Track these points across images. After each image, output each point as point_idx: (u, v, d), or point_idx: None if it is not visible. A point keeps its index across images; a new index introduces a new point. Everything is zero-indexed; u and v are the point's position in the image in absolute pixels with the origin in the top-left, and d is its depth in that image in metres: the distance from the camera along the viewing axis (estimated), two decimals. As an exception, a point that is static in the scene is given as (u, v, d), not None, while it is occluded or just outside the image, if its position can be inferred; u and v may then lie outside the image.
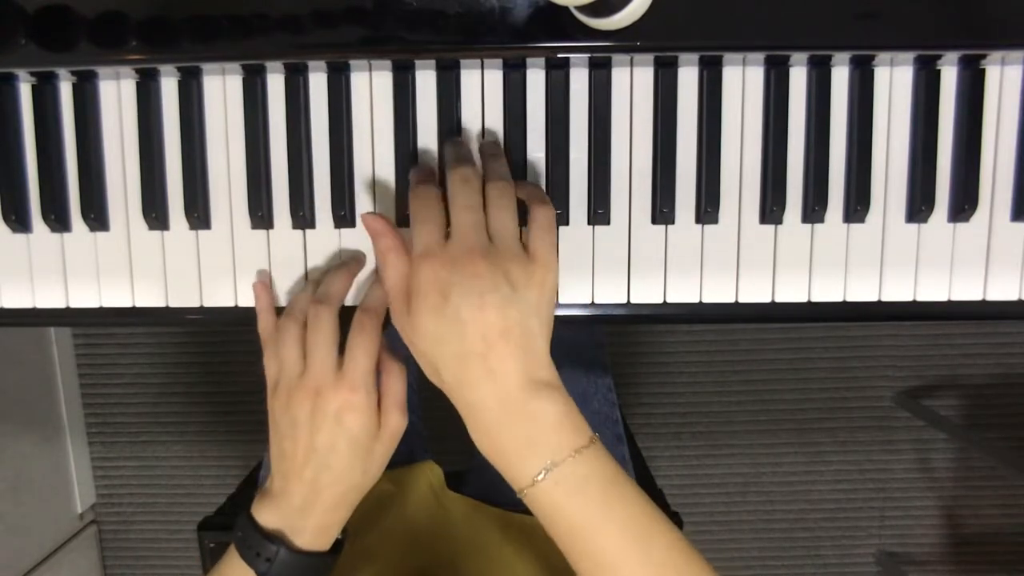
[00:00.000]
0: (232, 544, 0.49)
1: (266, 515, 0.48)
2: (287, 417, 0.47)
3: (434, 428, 0.87)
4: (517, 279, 0.42)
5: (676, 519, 0.84)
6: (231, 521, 0.51)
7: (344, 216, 0.52)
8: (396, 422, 0.49)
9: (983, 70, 0.50)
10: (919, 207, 0.51)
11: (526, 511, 0.66)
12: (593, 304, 0.52)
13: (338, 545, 0.51)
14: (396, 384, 0.49)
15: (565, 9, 0.44)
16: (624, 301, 0.52)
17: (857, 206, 0.50)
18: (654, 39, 0.46)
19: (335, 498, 0.48)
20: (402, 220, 0.52)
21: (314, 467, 0.47)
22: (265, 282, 0.52)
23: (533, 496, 0.42)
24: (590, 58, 0.50)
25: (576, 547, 0.42)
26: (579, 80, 0.51)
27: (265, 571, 0.47)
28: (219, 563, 0.50)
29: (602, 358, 0.82)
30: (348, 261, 0.52)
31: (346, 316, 0.49)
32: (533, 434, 0.41)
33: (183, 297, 0.53)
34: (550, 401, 0.42)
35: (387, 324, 0.49)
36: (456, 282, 0.41)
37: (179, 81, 0.52)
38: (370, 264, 0.52)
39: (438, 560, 0.62)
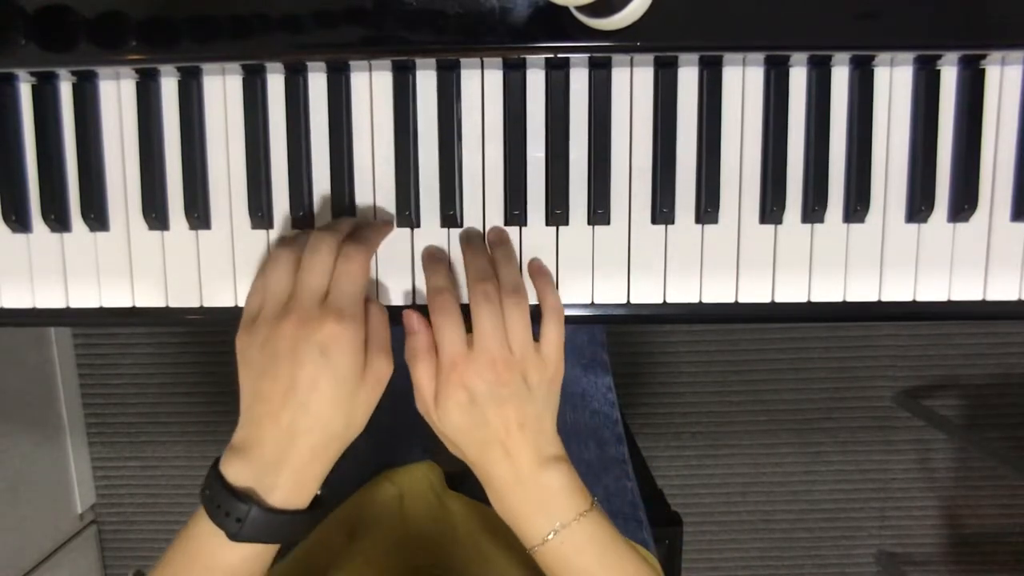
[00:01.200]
0: (201, 503, 0.44)
1: (235, 470, 0.44)
2: (266, 351, 0.44)
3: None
4: (532, 380, 0.48)
5: (676, 519, 0.84)
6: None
7: (343, 216, 0.52)
8: (382, 366, 0.46)
9: (983, 70, 0.50)
10: (919, 207, 0.51)
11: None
12: (593, 304, 0.52)
13: (317, 502, 0.46)
14: (380, 327, 0.47)
15: (565, 9, 0.44)
16: (624, 301, 0.52)
17: (857, 206, 0.50)
18: (654, 39, 0.46)
19: (312, 447, 0.44)
20: (403, 220, 0.52)
21: (292, 409, 0.43)
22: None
23: (542, 552, 0.48)
24: (590, 58, 0.50)
25: None
26: (579, 80, 0.51)
27: (235, 532, 0.42)
28: (186, 526, 0.45)
29: (602, 358, 0.82)
30: (354, 218, 0.52)
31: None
32: (544, 501, 0.48)
33: (183, 297, 0.53)
34: (558, 473, 0.48)
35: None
36: (481, 389, 0.47)
37: (179, 81, 0.52)
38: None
39: (438, 560, 0.62)
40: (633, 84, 0.51)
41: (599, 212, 0.51)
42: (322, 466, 0.46)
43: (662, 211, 0.51)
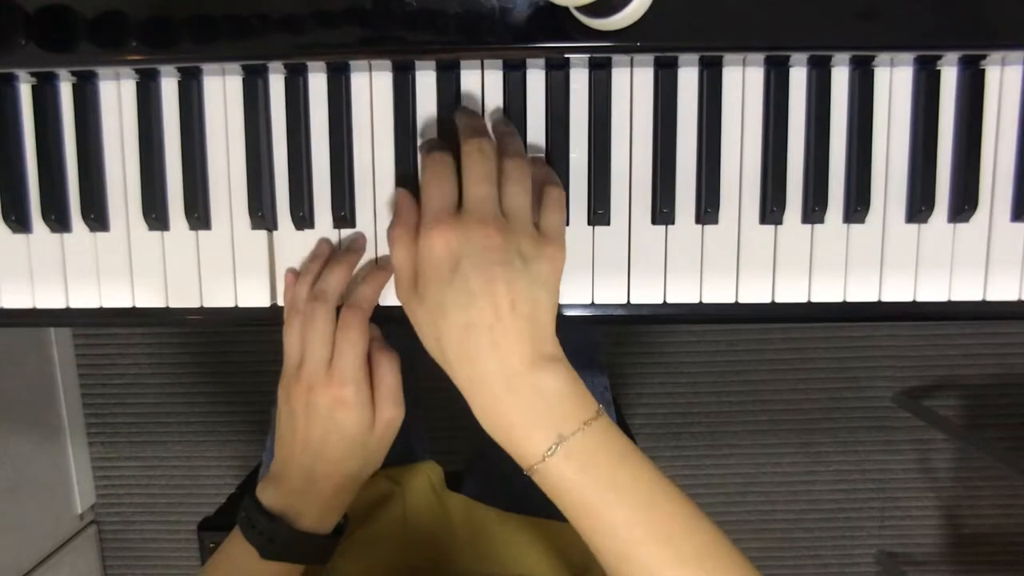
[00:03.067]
0: (236, 524, 0.50)
1: (269, 495, 0.50)
2: (287, 407, 0.49)
3: (434, 428, 0.87)
4: (529, 254, 0.42)
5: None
6: (231, 521, 0.52)
7: (344, 216, 0.52)
8: (390, 414, 0.50)
9: (983, 70, 0.50)
10: (919, 207, 0.51)
11: (525, 511, 0.66)
12: (593, 304, 0.52)
13: (339, 529, 0.52)
14: (388, 376, 0.50)
15: (565, 9, 0.44)
16: (624, 301, 0.52)
17: (857, 206, 0.50)
18: (654, 39, 0.46)
19: (333, 487, 0.49)
20: (402, 220, 0.52)
21: (310, 457, 0.48)
22: (295, 269, 0.53)
23: (543, 472, 0.40)
24: (590, 58, 0.50)
25: (589, 522, 0.41)
26: (579, 80, 0.51)
27: (266, 550, 0.48)
28: (224, 542, 0.51)
29: (598, 358, 0.82)
30: (346, 253, 0.52)
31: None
32: (540, 408, 0.41)
33: (183, 297, 0.53)
34: (556, 375, 0.41)
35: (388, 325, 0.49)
36: (467, 252, 0.40)
37: (179, 81, 0.52)
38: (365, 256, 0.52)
39: (437, 559, 0.62)
40: (633, 84, 0.51)
41: (599, 212, 0.51)
42: (345, 497, 0.51)
43: (662, 211, 0.51)
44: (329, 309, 0.48)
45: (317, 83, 0.51)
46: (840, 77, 0.50)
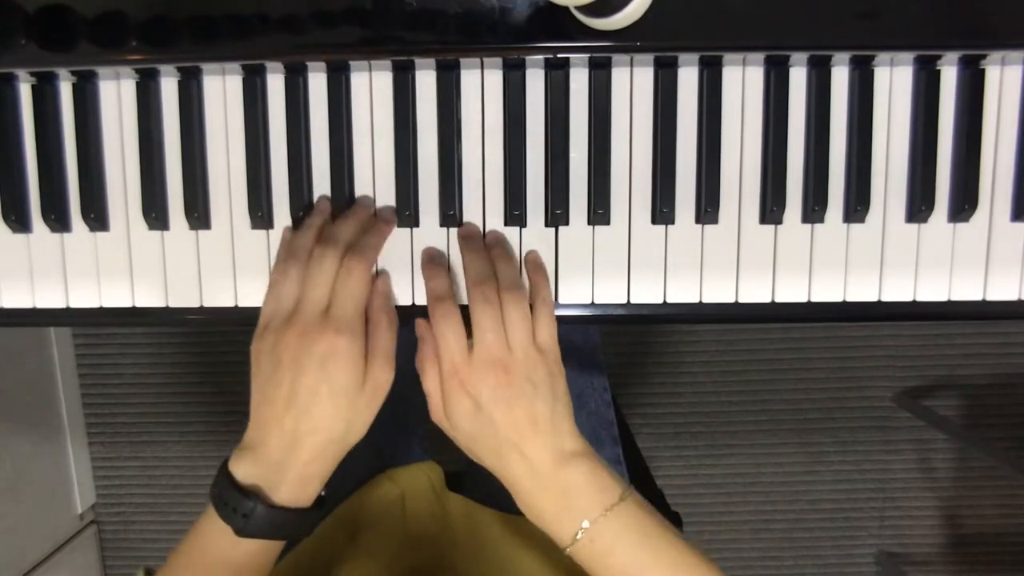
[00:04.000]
0: (209, 501, 0.47)
1: (243, 469, 0.46)
2: (272, 358, 0.46)
3: (434, 429, 0.87)
4: (537, 378, 0.47)
5: (676, 519, 0.83)
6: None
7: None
8: (381, 375, 0.48)
9: (983, 70, 0.50)
10: (919, 207, 0.51)
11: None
12: (593, 304, 0.52)
13: (320, 502, 0.49)
14: (384, 336, 0.48)
15: (565, 9, 0.44)
16: (624, 301, 0.52)
17: (857, 206, 0.50)
18: (654, 39, 0.46)
19: (315, 449, 0.46)
20: (403, 220, 0.52)
21: (294, 414, 0.45)
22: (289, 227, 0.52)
23: (575, 553, 0.46)
24: (590, 58, 0.50)
25: None
26: (579, 80, 0.51)
27: (241, 527, 0.45)
28: (195, 524, 0.48)
29: (598, 359, 0.82)
30: (356, 207, 0.51)
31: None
32: (566, 499, 0.46)
33: (183, 297, 0.53)
34: (578, 470, 0.47)
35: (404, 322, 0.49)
36: (485, 393, 0.46)
37: (179, 81, 0.52)
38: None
39: (437, 560, 0.62)
40: (633, 84, 0.51)
41: (599, 212, 0.51)
42: (324, 467, 0.48)
43: (662, 211, 0.51)
44: (338, 254, 0.47)
45: (317, 83, 0.51)
46: (840, 77, 0.50)
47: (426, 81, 0.51)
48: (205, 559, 0.47)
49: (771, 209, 0.51)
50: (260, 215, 0.52)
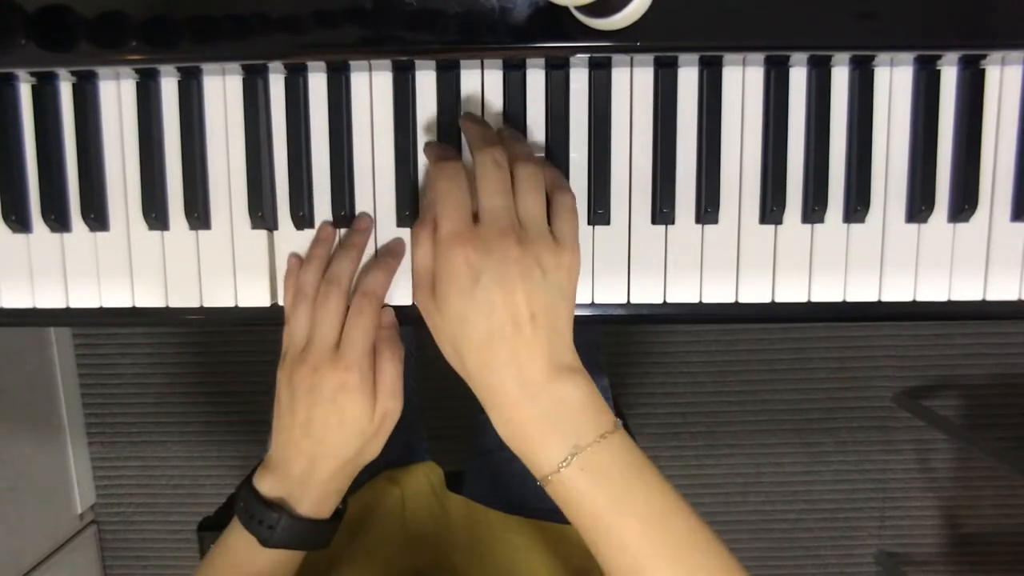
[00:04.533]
0: (235, 514, 0.50)
1: (267, 484, 0.50)
2: (289, 390, 0.49)
3: (434, 429, 0.87)
4: (547, 264, 0.42)
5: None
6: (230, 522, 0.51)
7: (344, 216, 0.52)
8: (388, 406, 0.49)
9: (983, 70, 0.50)
10: (919, 207, 0.51)
11: (525, 513, 0.66)
12: (593, 304, 0.52)
13: (338, 513, 0.52)
14: (390, 369, 0.50)
15: (565, 9, 0.44)
16: (624, 301, 0.52)
17: (857, 206, 0.50)
18: (654, 39, 0.46)
19: (331, 471, 0.49)
20: (403, 220, 0.52)
21: (311, 441, 0.48)
22: (298, 255, 0.53)
23: (557, 483, 0.41)
24: (590, 58, 0.50)
25: (598, 534, 0.41)
26: (579, 80, 0.51)
27: (267, 538, 0.48)
28: (223, 533, 0.51)
29: (598, 360, 0.82)
30: (353, 235, 0.52)
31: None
32: (557, 418, 0.41)
33: (183, 297, 0.53)
34: (574, 385, 0.42)
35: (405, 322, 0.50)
36: (487, 266, 0.41)
37: (179, 81, 0.52)
38: (371, 247, 0.52)
39: (437, 561, 0.62)
40: (633, 84, 0.51)
41: (599, 212, 0.51)
42: (342, 484, 0.51)
43: (662, 211, 0.51)
44: (343, 293, 0.49)
45: (317, 83, 0.51)
46: (840, 77, 0.50)
47: (426, 81, 0.51)
48: (232, 570, 0.50)
49: (771, 209, 0.51)
50: (260, 215, 0.52)
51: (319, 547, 0.52)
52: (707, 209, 0.51)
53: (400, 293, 0.53)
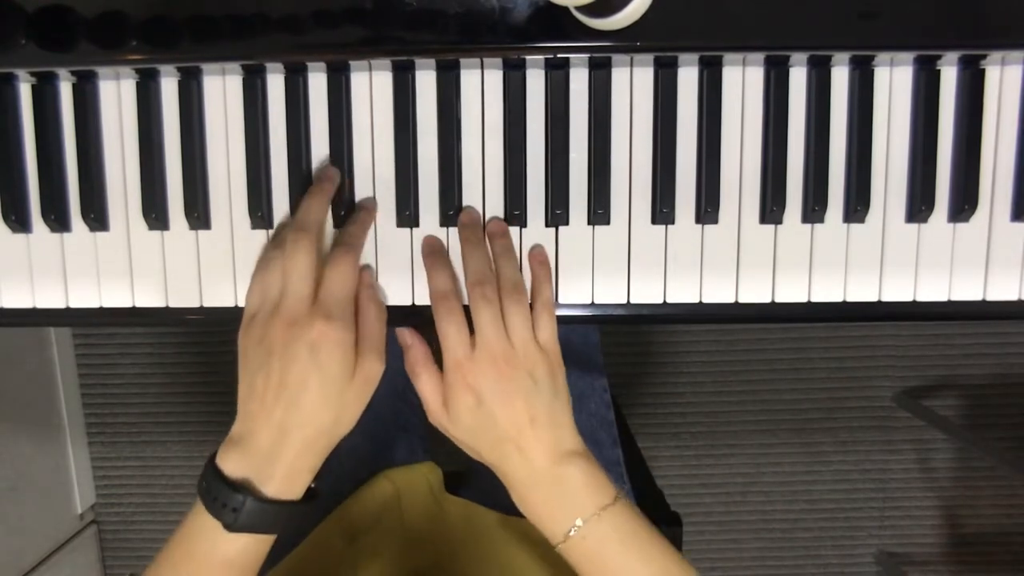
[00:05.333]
0: (197, 496, 0.45)
1: (232, 462, 0.45)
2: (261, 349, 0.46)
3: (434, 429, 0.87)
4: (538, 374, 0.48)
5: (676, 519, 0.83)
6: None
7: (343, 216, 0.52)
8: (372, 366, 0.47)
9: (983, 70, 0.50)
10: (919, 207, 0.51)
11: (523, 514, 0.66)
12: (593, 304, 0.52)
13: (310, 493, 0.48)
14: (374, 326, 0.48)
15: (565, 9, 0.44)
16: (624, 301, 0.52)
17: (857, 206, 0.50)
18: (654, 39, 0.46)
19: (304, 442, 0.45)
20: (403, 220, 0.52)
21: (283, 405, 0.45)
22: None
23: (567, 549, 0.47)
24: (590, 58, 0.50)
25: None
26: (579, 80, 0.51)
27: (231, 522, 0.43)
28: (183, 521, 0.46)
29: (597, 359, 0.82)
30: (321, 181, 0.50)
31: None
32: (562, 496, 0.47)
33: (183, 297, 0.53)
34: (575, 468, 0.48)
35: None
36: (487, 388, 0.47)
37: (179, 81, 0.52)
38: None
39: (436, 561, 0.62)
40: (633, 84, 0.51)
41: (599, 212, 0.51)
42: (314, 459, 0.47)
43: (662, 211, 0.51)
44: (312, 240, 0.47)
45: (317, 83, 0.51)
46: (840, 77, 0.50)
47: (426, 81, 0.51)
48: (194, 557, 0.45)
49: (771, 209, 0.51)
50: (260, 215, 0.52)
51: (289, 532, 0.47)
52: (707, 209, 0.51)
53: (398, 292, 0.53)
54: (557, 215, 0.51)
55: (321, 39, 0.47)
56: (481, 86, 0.51)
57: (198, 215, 0.52)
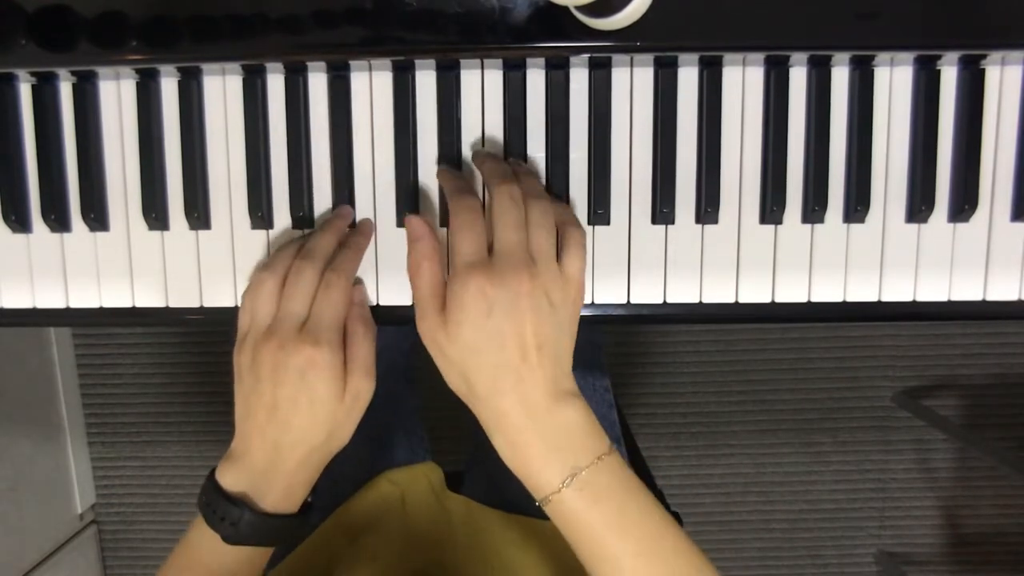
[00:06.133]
0: (198, 511, 0.47)
1: (230, 477, 0.47)
2: (252, 372, 0.46)
3: (434, 429, 0.87)
4: (555, 298, 0.44)
5: (676, 519, 0.84)
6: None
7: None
8: (361, 386, 0.47)
9: (983, 70, 0.50)
10: (919, 207, 0.51)
11: (525, 512, 0.66)
12: (593, 304, 0.52)
13: (306, 507, 0.49)
14: (362, 346, 0.48)
15: (565, 9, 0.44)
16: (624, 301, 0.52)
17: (857, 206, 0.50)
18: (654, 39, 0.46)
19: (298, 459, 0.46)
20: (403, 221, 0.52)
21: (275, 426, 0.46)
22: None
23: (556, 503, 0.42)
24: (590, 58, 0.50)
25: (594, 552, 0.43)
26: (579, 80, 0.51)
27: (229, 535, 0.45)
28: (185, 533, 0.48)
29: (599, 359, 0.82)
30: (333, 219, 0.51)
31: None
32: (558, 440, 0.43)
33: (183, 297, 0.53)
34: (574, 409, 0.44)
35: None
36: (501, 298, 0.42)
37: (179, 81, 0.52)
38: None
39: (438, 561, 0.62)
40: (633, 84, 0.51)
41: (599, 212, 0.51)
42: (309, 474, 0.48)
43: (662, 211, 0.51)
44: (316, 269, 0.47)
45: (317, 83, 0.51)
46: (840, 77, 0.50)
47: (426, 81, 0.51)
48: (196, 566, 0.47)
49: (771, 209, 0.51)
50: (260, 215, 0.52)
51: (285, 543, 0.49)
52: (707, 209, 0.51)
53: (396, 293, 0.53)
54: (557, 215, 0.51)
55: (321, 39, 0.47)
56: (481, 86, 0.51)
57: (198, 215, 0.52)
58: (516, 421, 0.43)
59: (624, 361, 1.52)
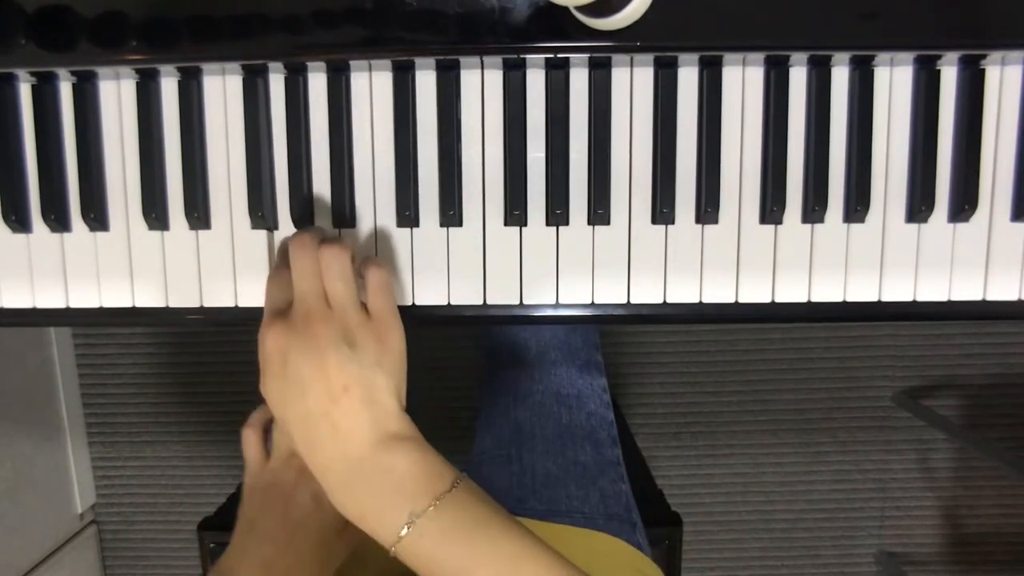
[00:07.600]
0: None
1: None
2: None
3: (433, 429, 0.87)
4: (355, 338, 0.43)
5: (676, 519, 0.84)
6: (231, 521, 0.51)
7: (344, 216, 0.52)
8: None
9: (983, 70, 0.50)
10: (919, 207, 0.51)
11: (523, 514, 0.66)
12: (593, 304, 0.52)
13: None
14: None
15: (565, 9, 0.44)
16: (624, 301, 0.52)
17: (857, 206, 0.50)
18: (654, 39, 0.46)
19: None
20: (403, 220, 0.52)
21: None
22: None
23: (402, 551, 0.41)
24: (590, 58, 0.50)
25: None
26: (579, 80, 0.51)
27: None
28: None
29: (596, 359, 0.82)
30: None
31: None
32: (388, 489, 0.41)
33: (183, 297, 0.53)
34: (403, 453, 0.42)
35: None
36: (293, 345, 0.42)
37: (179, 81, 0.52)
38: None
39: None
40: (633, 84, 0.51)
41: (599, 212, 0.51)
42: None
43: (662, 211, 0.51)
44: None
45: (317, 83, 0.51)
46: (840, 77, 0.50)
47: (426, 81, 0.51)
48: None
49: (771, 209, 0.51)
50: (260, 215, 0.52)
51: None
52: (707, 209, 0.51)
53: (398, 292, 0.53)
54: (557, 215, 0.51)
55: (321, 39, 0.47)
56: (481, 86, 0.51)
57: (198, 215, 0.52)
58: (340, 473, 0.42)
59: (625, 361, 1.52)
